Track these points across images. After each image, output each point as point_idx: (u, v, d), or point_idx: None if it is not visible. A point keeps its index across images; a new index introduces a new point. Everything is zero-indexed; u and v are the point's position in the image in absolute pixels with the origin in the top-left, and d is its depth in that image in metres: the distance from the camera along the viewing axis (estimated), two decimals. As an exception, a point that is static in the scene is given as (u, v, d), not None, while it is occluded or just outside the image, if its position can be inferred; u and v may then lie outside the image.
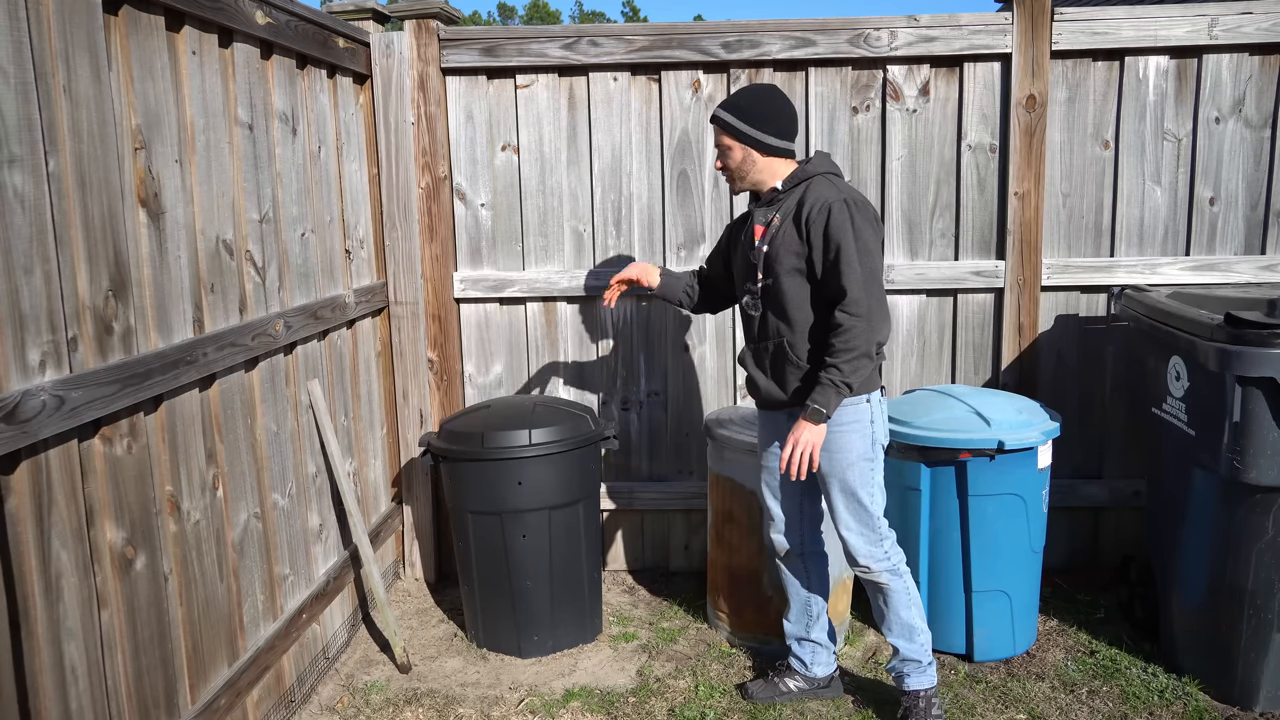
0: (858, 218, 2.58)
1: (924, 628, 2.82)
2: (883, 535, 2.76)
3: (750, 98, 2.74)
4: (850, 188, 2.70)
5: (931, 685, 2.82)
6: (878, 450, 2.74)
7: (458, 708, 3.03)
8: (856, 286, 2.54)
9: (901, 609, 2.78)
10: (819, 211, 2.60)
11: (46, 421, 1.79)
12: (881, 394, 2.77)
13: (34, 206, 1.80)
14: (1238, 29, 3.50)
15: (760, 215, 2.77)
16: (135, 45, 2.17)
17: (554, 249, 3.84)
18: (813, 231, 2.60)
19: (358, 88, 3.61)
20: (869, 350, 2.57)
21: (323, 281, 3.22)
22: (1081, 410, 3.79)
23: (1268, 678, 2.86)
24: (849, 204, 2.59)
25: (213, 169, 2.50)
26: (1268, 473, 2.69)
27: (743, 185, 2.79)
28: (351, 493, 3.31)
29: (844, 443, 2.69)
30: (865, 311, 2.54)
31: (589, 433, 3.30)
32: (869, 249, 2.58)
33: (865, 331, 2.54)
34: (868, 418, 2.70)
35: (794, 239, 2.64)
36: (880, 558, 2.75)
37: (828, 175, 2.70)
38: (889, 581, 2.76)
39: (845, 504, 2.73)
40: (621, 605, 3.74)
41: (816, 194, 2.64)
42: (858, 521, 2.73)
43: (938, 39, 3.57)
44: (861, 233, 2.57)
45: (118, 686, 2.06)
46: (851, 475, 2.70)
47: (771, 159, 2.73)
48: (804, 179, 2.70)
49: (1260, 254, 3.67)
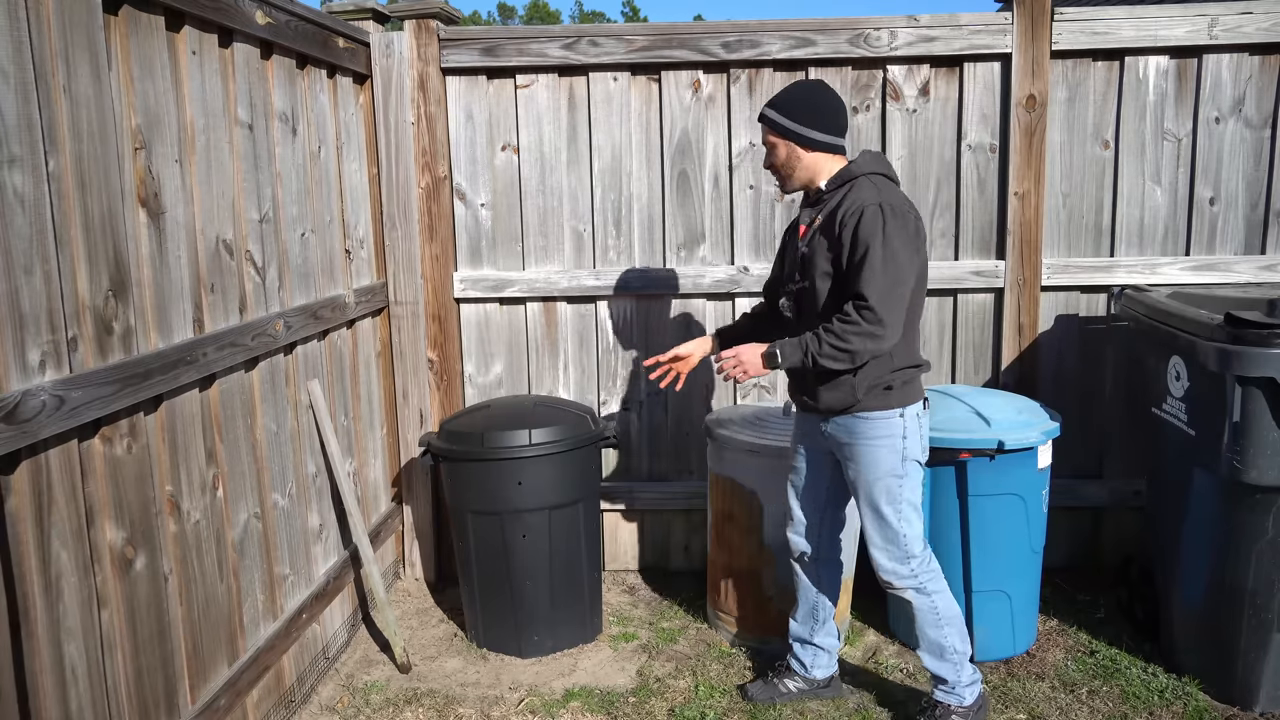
0: (891, 224, 2.46)
1: (957, 648, 2.73)
2: (910, 553, 2.66)
3: (794, 92, 2.66)
4: (894, 191, 2.58)
5: (960, 705, 2.75)
6: (909, 467, 2.63)
7: (458, 708, 3.03)
8: (875, 294, 2.44)
9: (928, 627, 2.72)
10: (852, 214, 2.50)
11: (46, 421, 1.79)
12: (924, 407, 2.67)
13: (34, 206, 1.80)
14: (1238, 29, 3.50)
15: (805, 215, 2.69)
16: (135, 45, 2.17)
17: (554, 249, 3.84)
18: (844, 234, 2.51)
19: (358, 88, 3.61)
20: (859, 354, 2.47)
21: (323, 281, 3.22)
22: (1081, 410, 3.79)
23: (1268, 677, 2.86)
24: (884, 208, 2.47)
25: (213, 169, 2.50)
26: (1268, 473, 2.69)
27: (792, 184, 2.68)
28: (351, 493, 3.31)
29: (872, 457, 2.62)
30: (876, 320, 2.44)
31: (589, 433, 3.30)
32: (895, 258, 2.46)
33: (866, 337, 2.45)
34: (899, 433, 2.60)
35: (828, 241, 2.56)
36: (905, 575, 2.69)
37: (872, 176, 2.58)
38: (914, 600, 2.71)
39: (870, 518, 2.69)
40: (621, 605, 3.74)
41: (855, 196, 2.54)
42: (881, 537, 2.68)
43: (938, 39, 3.57)
44: (891, 240, 2.45)
45: (118, 686, 2.06)
46: (877, 490, 2.64)
47: (817, 155, 2.62)
48: (848, 179, 2.60)
49: (1260, 254, 3.67)
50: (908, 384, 2.63)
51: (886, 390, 2.59)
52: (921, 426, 2.66)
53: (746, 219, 3.77)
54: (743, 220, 3.77)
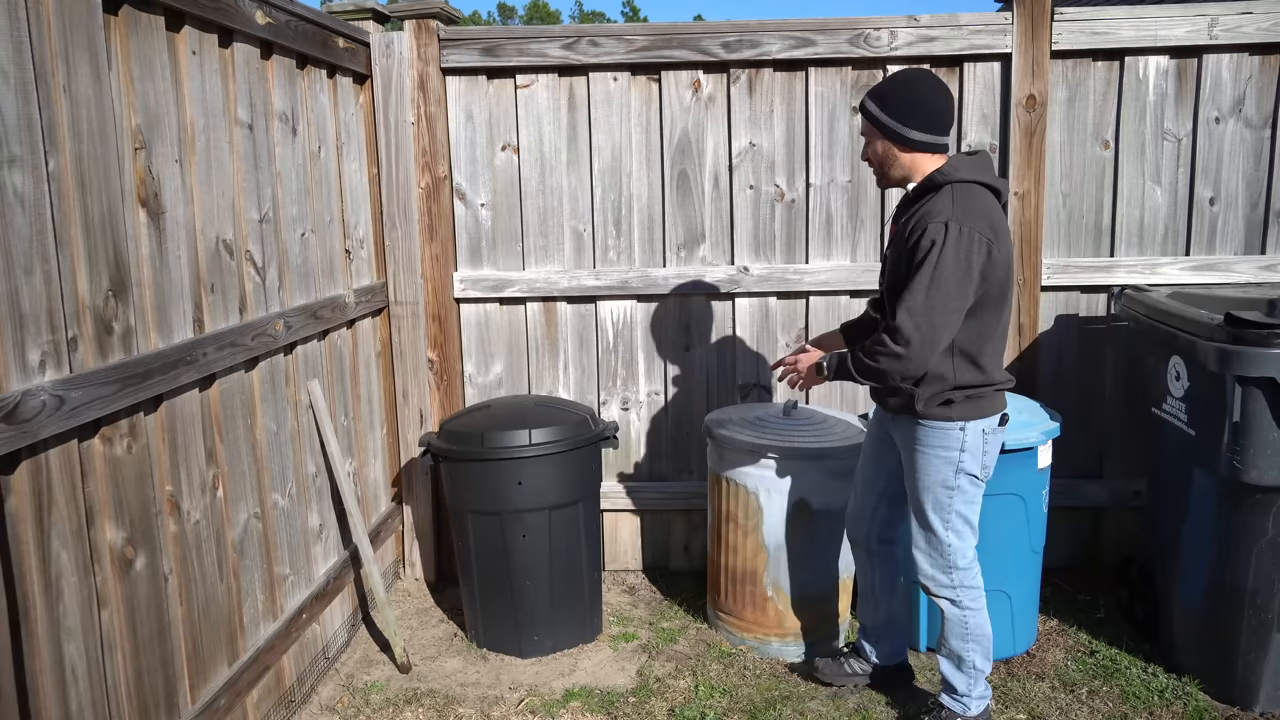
0: (949, 246, 2.35)
1: (977, 665, 2.72)
2: (953, 565, 2.65)
3: (896, 83, 2.53)
4: (976, 205, 2.43)
5: (964, 715, 2.75)
6: (962, 480, 2.58)
7: (458, 708, 3.03)
8: (907, 317, 2.39)
9: (953, 637, 2.72)
10: (918, 227, 2.43)
11: (46, 421, 1.79)
12: (1001, 423, 2.59)
13: (34, 206, 1.80)
14: (1238, 29, 3.50)
15: (898, 216, 2.62)
16: (135, 45, 2.17)
17: (554, 249, 3.84)
18: (907, 246, 2.45)
19: (358, 88, 3.61)
20: (890, 375, 2.48)
21: (323, 281, 3.22)
22: (1081, 410, 3.79)
23: (1268, 677, 2.86)
24: (948, 227, 2.36)
25: (213, 169, 2.50)
26: (1268, 473, 2.69)
27: (888, 181, 2.60)
28: (351, 493, 3.31)
29: (923, 464, 2.61)
30: (905, 342, 2.40)
31: (589, 433, 3.30)
32: (943, 284, 2.37)
33: (895, 360, 2.43)
34: (956, 446, 2.55)
35: (901, 250, 2.50)
36: (944, 584, 2.68)
37: (958, 185, 2.45)
38: (947, 610, 2.71)
39: (916, 522, 2.69)
40: (621, 605, 3.74)
41: (931, 208, 2.44)
42: (925, 541, 2.68)
43: (938, 39, 3.57)
44: (943, 264, 2.36)
45: (118, 686, 2.06)
46: (926, 498, 2.63)
47: (915, 155, 2.51)
48: (934, 187, 2.48)
49: (1260, 254, 3.67)
50: (974, 400, 2.55)
51: (947, 404, 2.55)
52: (986, 443, 2.57)
53: (746, 219, 3.77)
54: (743, 220, 3.77)
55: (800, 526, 3.19)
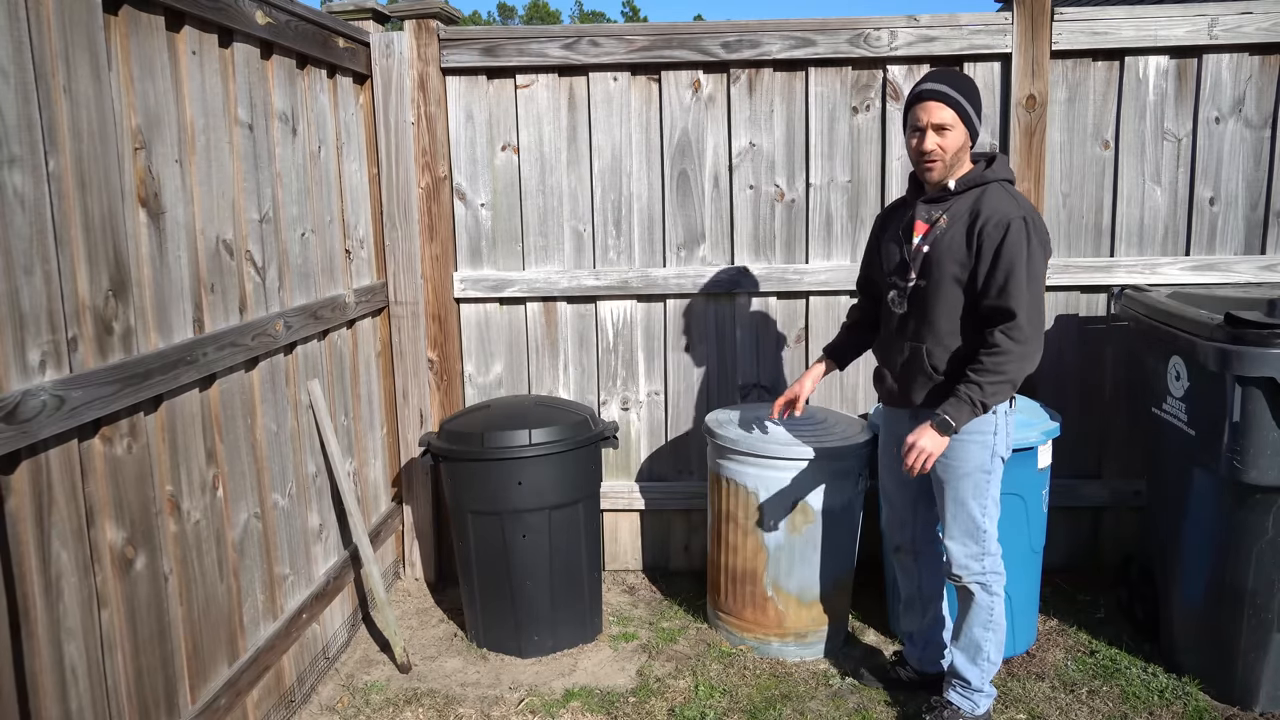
0: (1034, 240, 2.46)
1: (991, 657, 2.75)
2: (987, 550, 2.69)
3: (959, 78, 2.56)
4: (1026, 202, 2.55)
5: (971, 714, 2.76)
6: (996, 463, 2.65)
7: (458, 708, 3.03)
8: (1024, 313, 2.45)
9: (976, 625, 2.73)
10: (995, 226, 2.47)
11: (46, 421, 1.79)
12: (1011, 405, 2.68)
13: (34, 206, 1.80)
14: (1238, 29, 3.50)
15: (924, 211, 2.63)
16: (135, 45, 2.17)
17: (554, 249, 3.84)
18: (984, 246, 2.48)
19: (358, 88, 3.61)
20: (1016, 379, 2.49)
21: (323, 281, 3.22)
22: (1081, 410, 3.79)
23: (1268, 677, 2.86)
24: (1028, 223, 2.46)
25: (213, 169, 2.50)
26: (1268, 473, 2.69)
27: (944, 174, 2.58)
28: (351, 493, 3.31)
29: (962, 452, 2.62)
30: (1025, 339, 2.46)
31: (589, 433, 3.30)
32: (1038, 275, 2.48)
33: (1019, 360, 2.47)
34: (991, 429, 2.61)
35: (961, 248, 2.52)
36: (977, 571, 2.69)
37: (1005, 183, 2.56)
38: (977, 594, 2.71)
39: (954, 512, 2.69)
40: (621, 605, 3.74)
41: (994, 205, 2.50)
42: (962, 531, 2.68)
43: (938, 39, 3.57)
44: (1034, 256, 2.46)
45: (118, 686, 2.06)
46: (964, 485, 2.64)
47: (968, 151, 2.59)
48: (981, 183, 2.56)
49: (1260, 254, 3.67)
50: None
51: None
52: (1009, 424, 2.68)
53: (746, 219, 3.77)
54: (743, 220, 3.77)
55: (800, 526, 3.19)
